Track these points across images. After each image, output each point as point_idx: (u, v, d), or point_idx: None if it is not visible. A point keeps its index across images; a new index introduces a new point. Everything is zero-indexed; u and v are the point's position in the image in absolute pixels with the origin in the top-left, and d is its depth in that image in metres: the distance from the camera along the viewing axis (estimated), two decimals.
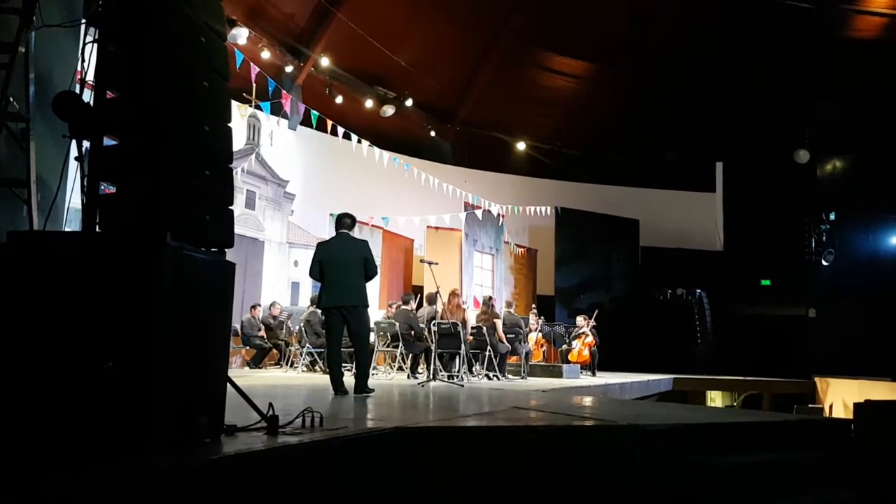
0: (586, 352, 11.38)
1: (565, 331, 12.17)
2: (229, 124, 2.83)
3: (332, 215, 10.15)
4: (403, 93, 13.85)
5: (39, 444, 2.05)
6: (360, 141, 11.98)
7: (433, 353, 7.68)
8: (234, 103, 9.38)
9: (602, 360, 11.80)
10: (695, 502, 3.14)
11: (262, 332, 10.25)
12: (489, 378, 8.88)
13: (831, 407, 12.45)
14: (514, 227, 15.37)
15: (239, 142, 11.20)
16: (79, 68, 2.76)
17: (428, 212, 13.16)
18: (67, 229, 3.82)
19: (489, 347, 8.81)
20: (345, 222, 5.72)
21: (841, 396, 12.26)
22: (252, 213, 11.68)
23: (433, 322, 8.24)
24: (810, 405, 12.65)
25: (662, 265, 16.05)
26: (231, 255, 2.76)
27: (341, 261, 5.50)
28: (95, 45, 2.60)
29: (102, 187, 2.46)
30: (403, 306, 9.00)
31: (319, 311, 7.54)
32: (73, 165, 2.65)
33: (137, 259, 2.20)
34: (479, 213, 13.61)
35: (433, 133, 15.03)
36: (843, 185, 15.46)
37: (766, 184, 15.58)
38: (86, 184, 2.47)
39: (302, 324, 9.41)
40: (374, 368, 8.76)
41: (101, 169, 2.45)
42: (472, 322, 9.08)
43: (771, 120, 15.20)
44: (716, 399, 14.33)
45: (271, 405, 2.71)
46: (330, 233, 9.53)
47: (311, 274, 5.64)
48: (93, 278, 2.17)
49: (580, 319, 11.82)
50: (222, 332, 2.63)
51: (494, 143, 16.04)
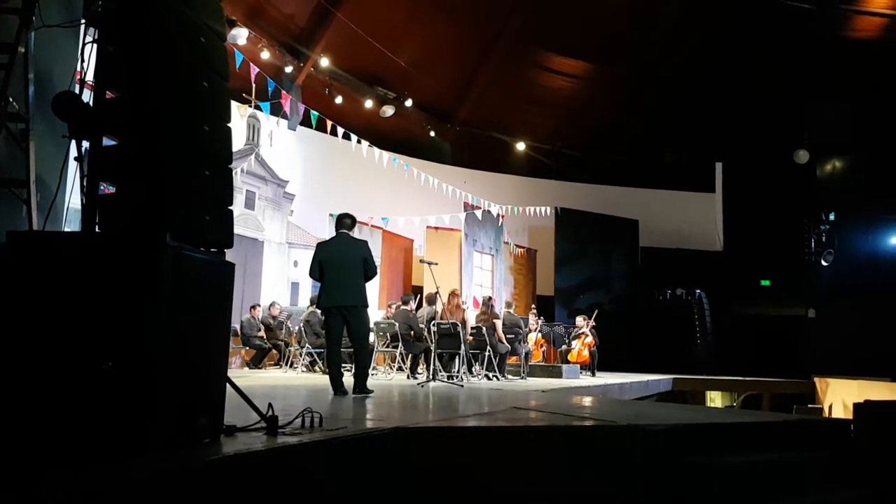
0: (586, 352, 11.37)
1: (565, 331, 12.17)
2: (229, 124, 2.84)
3: (331, 215, 10.16)
4: (403, 93, 13.85)
5: (39, 443, 2.05)
6: (359, 141, 11.98)
7: (433, 354, 7.69)
8: (234, 103, 9.35)
9: (602, 360, 11.80)
10: (694, 502, 3.14)
11: (262, 333, 10.25)
12: (489, 378, 8.88)
13: (831, 407, 12.44)
14: (513, 227, 15.35)
15: (238, 142, 11.19)
16: (78, 68, 2.76)
17: (427, 212, 13.16)
18: (67, 229, 3.81)
19: (489, 348, 8.82)
20: (345, 222, 5.73)
21: (840, 396, 12.25)
22: (252, 214, 11.68)
23: (433, 322, 8.25)
24: (810, 405, 12.63)
25: (662, 265, 16.04)
26: (231, 255, 2.76)
27: (341, 261, 5.50)
28: (95, 45, 2.59)
29: (102, 187, 2.46)
30: (403, 306, 9.00)
31: (319, 312, 7.54)
32: (73, 165, 2.65)
33: (137, 259, 2.20)
34: (478, 213, 13.61)
35: (433, 133, 15.01)
36: (842, 186, 15.43)
37: (765, 184, 15.57)
38: (85, 184, 2.47)
39: (301, 324, 9.41)
40: (374, 369, 8.76)
41: (101, 169, 2.45)
42: (471, 322, 9.08)
43: (771, 120, 15.19)
44: (715, 399, 14.32)
45: (271, 405, 2.71)
46: (330, 233, 9.53)
47: (311, 274, 5.65)
48: (92, 278, 2.17)
49: (580, 320, 11.82)
50: (222, 332, 2.63)
51: (494, 144, 16.03)
